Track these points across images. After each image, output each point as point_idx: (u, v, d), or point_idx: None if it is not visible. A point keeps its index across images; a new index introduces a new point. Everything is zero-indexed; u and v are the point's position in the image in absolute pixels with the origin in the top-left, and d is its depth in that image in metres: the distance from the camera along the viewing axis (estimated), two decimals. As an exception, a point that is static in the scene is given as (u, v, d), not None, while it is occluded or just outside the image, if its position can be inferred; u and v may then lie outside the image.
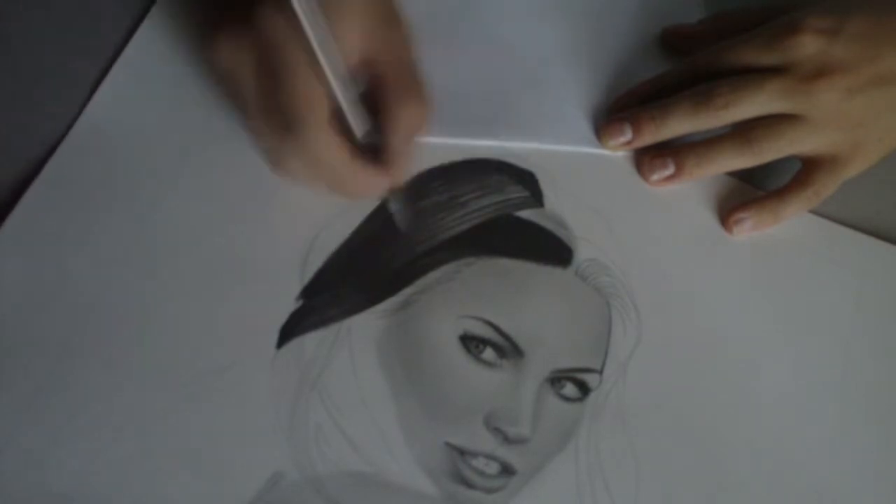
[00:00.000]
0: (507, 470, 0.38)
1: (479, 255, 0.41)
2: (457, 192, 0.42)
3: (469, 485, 0.37)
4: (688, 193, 0.45)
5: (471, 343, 0.39)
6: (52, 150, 0.41)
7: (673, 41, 0.50)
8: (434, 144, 0.43)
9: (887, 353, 0.43)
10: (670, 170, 0.44)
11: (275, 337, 0.38)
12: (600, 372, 0.40)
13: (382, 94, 0.37)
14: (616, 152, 0.46)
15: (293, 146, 0.36)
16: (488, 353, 0.39)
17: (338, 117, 0.36)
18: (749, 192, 0.46)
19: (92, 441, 0.36)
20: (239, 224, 0.41)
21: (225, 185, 0.41)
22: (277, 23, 0.35)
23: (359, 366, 0.38)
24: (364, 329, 0.39)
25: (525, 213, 0.43)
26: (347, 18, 0.36)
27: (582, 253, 0.42)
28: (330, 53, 0.34)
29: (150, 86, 0.43)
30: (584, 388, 0.40)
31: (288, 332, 0.39)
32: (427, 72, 0.39)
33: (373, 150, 0.38)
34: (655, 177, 0.45)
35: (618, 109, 0.46)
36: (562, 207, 0.43)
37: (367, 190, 0.39)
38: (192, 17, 0.43)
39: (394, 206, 0.40)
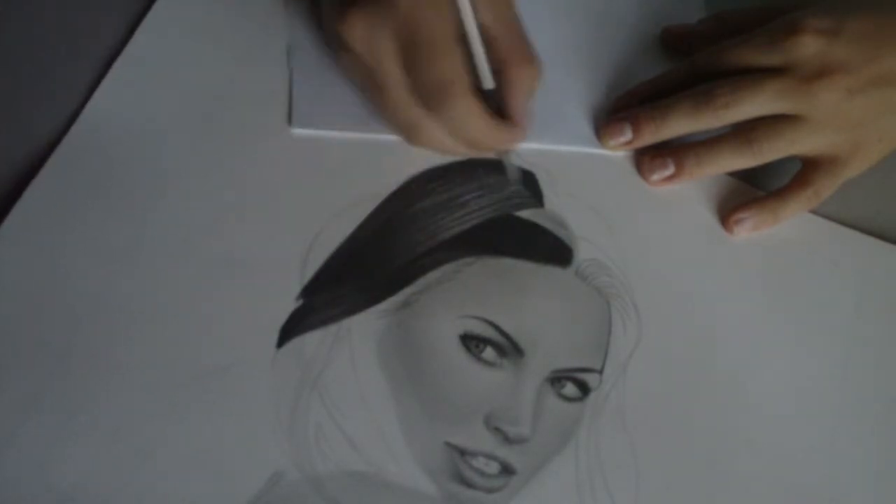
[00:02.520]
0: (507, 470, 0.38)
1: (479, 254, 0.41)
2: (457, 192, 0.42)
3: (469, 484, 0.37)
4: (688, 193, 0.45)
5: (471, 342, 0.39)
6: (51, 150, 0.41)
7: (673, 41, 0.50)
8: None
9: (887, 353, 0.43)
10: (670, 170, 0.45)
11: (275, 337, 0.38)
12: (600, 372, 0.40)
13: (501, 60, 0.40)
14: (616, 152, 0.46)
15: (443, 115, 0.39)
16: (488, 353, 0.39)
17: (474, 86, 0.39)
18: (749, 192, 0.46)
19: (92, 441, 0.36)
20: (239, 224, 0.41)
21: (225, 185, 0.41)
22: (417, 2, 0.37)
23: (359, 366, 0.38)
24: (364, 329, 0.39)
25: (525, 213, 0.43)
26: None
27: (582, 253, 0.42)
28: (475, 15, 0.38)
29: (150, 86, 0.43)
30: (584, 388, 0.40)
31: (288, 331, 0.38)
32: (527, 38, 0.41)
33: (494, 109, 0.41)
34: (655, 177, 0.45)
35: (618, 109, 0.46)
36: (562, 207, 0.43)
37: (504, 144, 0.42)
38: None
39: (507, 161, 0.43)
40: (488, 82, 0.40)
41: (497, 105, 0.41)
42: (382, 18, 0.37)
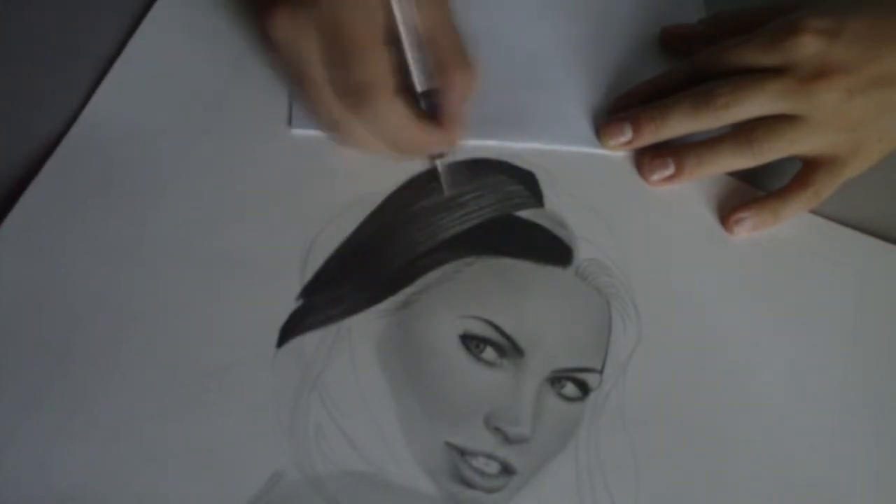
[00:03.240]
0: (507, 470, 0.38)
1: (479, 254, 0.41)
2: (457, 192, 0.42)
3: (469, 484, 0.37)
4: (688, 193, 0.45)
5: (471, 342, 0.39)
6: (51, 149, 0.41)
7: (673, 41, 0.50)
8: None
9: (887, 353, 0.43)
10: (670, 170, 0.45)
11: (275, 337, 0.38)
12: (600, 372, 0.40)
13: (438, 61, 0.40)
14: (616, 152, 0.46)
15: (364, 117, 0.38)
16: (488, 353, 0.39)
17: (400, 87, 0.39)
18: (749, 192, 0.46)
19: (92, 441, 0.36)
20: (239, 224, 0.41)
21: (225, 185, 0.41)
22: (341, 1, 0.37)
23: (359, 366, 0.38)
24: (364, 329, 0.39)
25: (525, 213, 0.43)
26: None
27: (582, 253, 0.42)
28: (407, 17, 0.38)
29: (150, 86, 0.43)
30: (584, 388, 0.40)
31: (288, 331, 0.38)
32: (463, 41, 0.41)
33: (427, 114, 0.40)
34: (655, 177, 0.45)
35: (618, 109, 0.46)
36: (562, 207, 0.43)
37: (430, 149, 0.42)
38: None
39: (441, 168, 0.42)
40: (420, 84, 0.40)
41: (431, 110, 0.40)
42: (306, 16, 0.37)
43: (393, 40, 0.38)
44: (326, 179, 0.42)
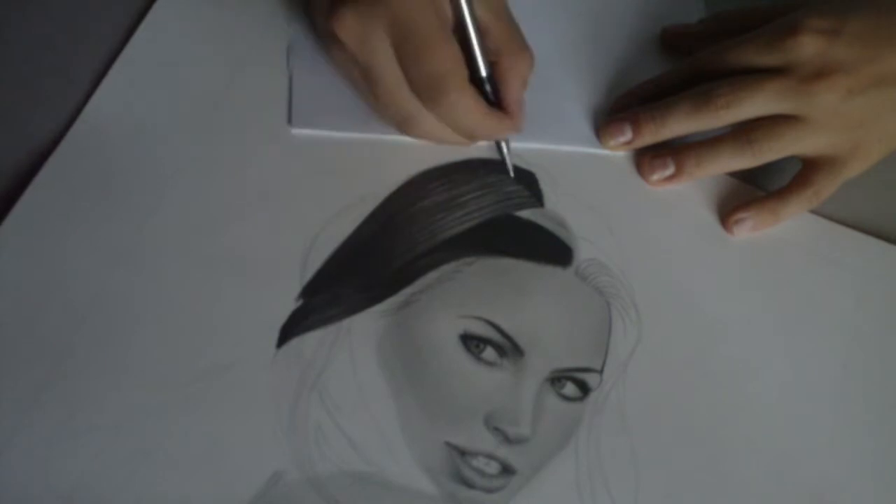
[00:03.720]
0: (507, 470, 0.38)
1: (479, 254, 0.41)
2: (457, 192, 0.42)
3: (469, 485, 0.37)
4: (688, 193, 0.45)
5: (471, 342, 0.39)
6: (51, 150, 0.41)
7: (673, 41, 0.50)
8: (434, 144, 0.43)
9: (887, 353, 0.43)
10: (670, 170, 0.45)
11: (275, 337, 0.38)
12: (600, 372, 0.40)
13: (495, 52, 0.40)
14: (616, 152, 0.46)
15: (437, 110, 0.39)
16: (488, 353, 0.39)
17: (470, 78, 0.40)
18: (749, 193, 0.46)
19: (92, 441, 0.36)
20: (239, 224, 0.41)
21: (225, 185, 0.41)
22: None
23: (359, 366, 0.38)
24: (364, 329, 0.39)
25: (525, 213, 0.43)
26: None
27: (582, 253, 0.42)
28: (469, 6, 0.39)
29: (150, 86, 0.43)
30: (584, 388, 0.40)
31: (288, 331, 0.38)
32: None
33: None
34: (655, 177, 0.45)
35: (618, 109, 0.46)
36: (562, 207, 0.43)
37: (499, 134, 0.42)
38: None
39: (506, 151, 0.43)
40: (484, 69, 0.40)
41: (492, 96, 0.41)
42: (373, 13, 0.37)
43: (456, 31, 0.39)
44: (326, 179, 0.42)
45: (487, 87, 0.41)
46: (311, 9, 0.43)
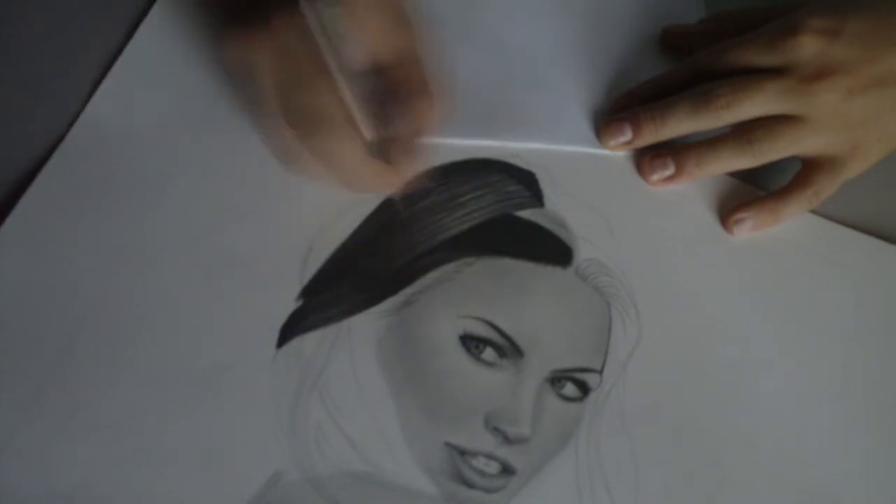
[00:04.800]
0: (507, 470, 0.38)
1: (479, 255, 0.41)
2: (457, 192, 0.42)
3: (469, 485, 0.37)
4: (688, 193, 0.45)
5: (471, 343, 0.39)
6: (52, 150, 0.41)
7: (673, 41, 0.50)
8: (434, 144, 0.43)
9: (887, 353, 0.43)
10: (670, 170, 0.44)
11: (275, 337, 0.38)
12: (600, 372, 0.40)
13: (392, 93, 0.38)
14: (616, 152, 0.46)
15: (312, 146, 0.37)
16: (488, 353, 0.39)
17: (350, 120, 0.37)
18: (749, 193, 0.46)
19: (92, 441, 0.36)
20: (239, 224, 0.41)
21: (225, 185, 0.41)
22: (295, 29, 0.36)
23: (359, 366, 0.38)
24: (364, 329, 0.39)
25: (525, 213, 0.43)
26: (359, 18, 0.37)
27: (582, 253, 0.42)
28: (343, 60, 0.36)
29: (150, 86, 0.43)
30: (584, 388, 0.40)
31: (288, 331, 0.39)
32: (428, 71, 0.39)
33: (381, 148, 0.39)
34: (655, 177, 0.45)
35: (618, 109, 0.46)
36: (562, 207, 0.43)
37: (379, 187, 0.40)
38: (202, 13, 0.43)
39: (396, 202, 0.41)
40: (363, 131, 0.38)
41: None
42: (259, 42, 0.37)
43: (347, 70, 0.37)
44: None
45: (364, 136, 0.38)
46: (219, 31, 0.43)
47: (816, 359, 0.42)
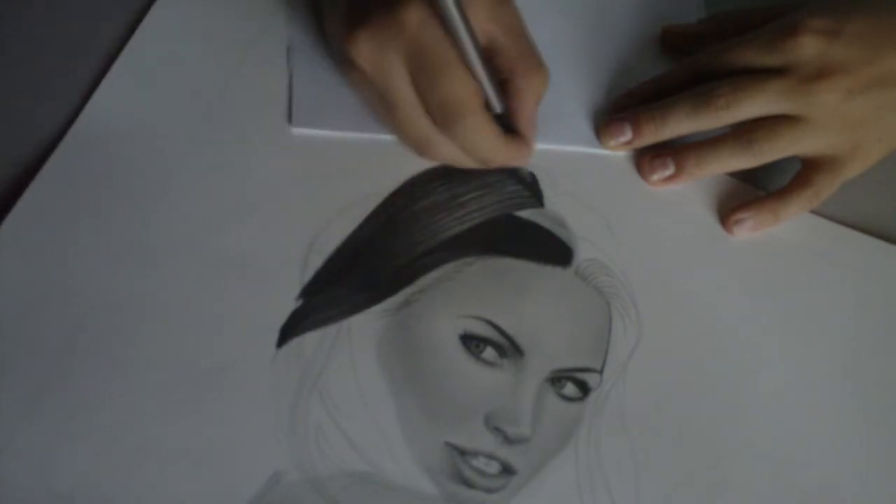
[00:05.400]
0: (507, 470, 0.38)
1: (479, 254, 0.41)
2: (457, 192, 0.42)
3: (469, 485, 0.37)
4: (688, 193, 0.45)
5: (471, 342, 0.39)
6: (51, 149, 0.41)
7: (673, 41, 0.50)
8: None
9: (888, 354, 0.43)
10: (670, 170, 0.44)
11: (275, 337, 0.38)
12: (600, 372, 0.40)
13: (508, 70, 0.40)
14: (616, 152, 0.46)
15: (453, 135, 0.39)
16: (488, 353, 0.39)
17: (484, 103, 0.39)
18: (749, 193, 0.46)
19: (92, 441, 0.36)
20: (239, 224, 0.41)
21: (225, 184, 0.41)
22: (425, 22, 0.37)
23: (359, 366, 0.38)
24: (364, 329, 0.39)
25: (525, 213, 0.43)
26: (474, 4, 0.38)
27: (582, 253, 0.42)
28: (475, 41, 0.37)
29: (150, 86, 0.43)
30: (584, 388, 0.40)
31: (288, 331, 0.38)
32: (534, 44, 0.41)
33: (504, 122, 0.41)
34: (655, 177, 0.45)
35: (618, 109, 0.46)
36: (562, 207, 0.43)
37: (514, 162, 0.42)
38: (325, 17, 0.43)
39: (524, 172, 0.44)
40: (496, 106, 0.40)
41: (507, 120, 0.41)
42: (391, 37, 0.37)
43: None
44: (326, 179, 0.42)
45: (497, 110, 0.40)
46: (327, 31, 0.43)
47: (816, 359, 0.42)
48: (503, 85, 0.40)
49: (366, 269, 0.40)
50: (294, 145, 0.43)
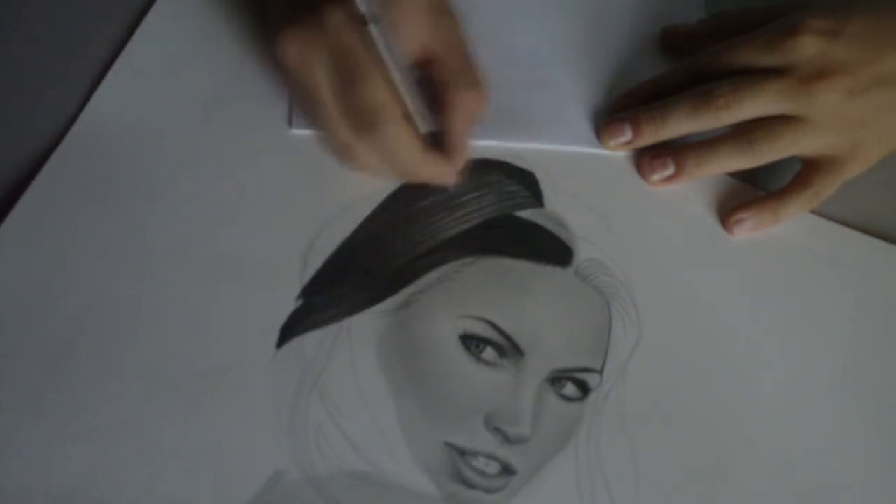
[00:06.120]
0: (507, 470, 0.38)
1: (479, 254, 0.41)
2: (457, 192, 0.42)
3: (469, 485, 0.37)
4: (688, 193, 0.45)
5: (471, 343, 0.39)
6: (51, 150, 0.41)
7: (673, 41, 0.50)
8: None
9: (887, 353, 0.43)
10: (670, 170, 0.44)
11: (275, 337, 0.38)
12: (600, 372, 0.40)
13: (442, 83, 0.39)
14: (616, 152, 0.46)
15: (371, 143, 0.38)
16: (488, 353, 0.39)
17: (406, 114, 0.38)
18: (749, 193, 0.46)
19: (92, 441, 0.36)
20: (239, 224, 0.41)
21: (225, 185, 0.41)
22: (348, 27, 0.36)
23: (359, 366, 0.38)
24: (364, 329, 0.39)
25: (525, 213, 0.43)
26: (406, 13, 0.38)
27: (582, 253, 0.42)
28: (396, 54, 0.37)
29: (150, 86, 0.43)
30: (584, 388, 0.40)
31: (288, 332, 0.39)
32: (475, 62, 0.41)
33: (433, 138, 0.40)
34: (655, 177, 0.45)
35: (618, 109, 0.46)
36: (562, 207, 0.43)
37: (436, 178, 0.41)
38: (259, 13, 0.43)
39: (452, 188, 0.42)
40: (420, 125, 0.39)
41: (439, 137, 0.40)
42: (313, 40, 0.37)
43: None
44: (326, 179, 0.42)
45: (420, 129, 0.39)
46: (267, 29, 0.43)
47: (816, 359, 0.42)
48: (437, 100, 0.39)
49: (366, 269, 0.40)
50: (294, 146, 0.43)
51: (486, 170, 0.43)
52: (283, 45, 0.38)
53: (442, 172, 0.41)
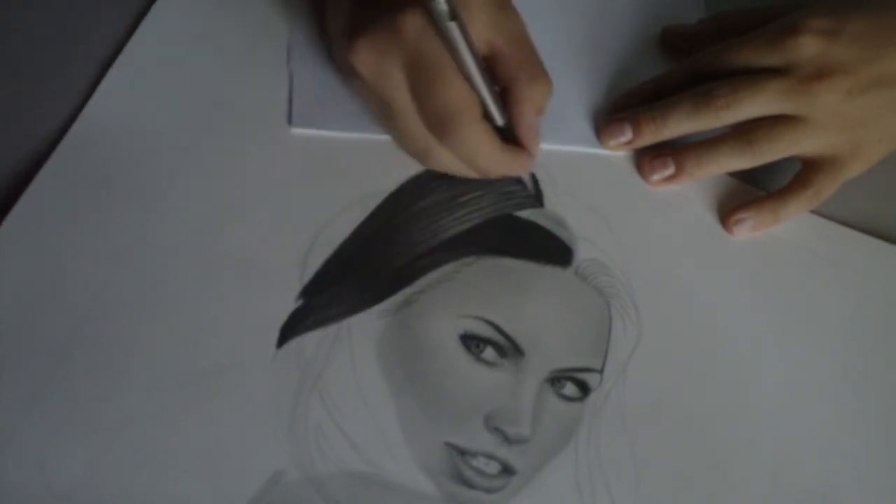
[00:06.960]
0: (507, 470, 0.38)
1: (478, 254, 0.41)
2: (457, 191, 0.42)
3: (469, 485, 0.37)
4: (688, 193, 0.45)
5: (471, 342, 0.39)
6: (51, 150, 0.41)
7: (673, 41, 0.50)
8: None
9: (887, 354, 0.43)
10: (670, 170, 0.45)
11: (275, 337, 0.38)
12: (600, 372, 0.40)
13: (509, 78, 0.39)
14: (616, 152, 0.46)
15: (451, 144, 0.38)
16: (488, 353, 0.39)
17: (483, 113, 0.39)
18: (749, 193, 0.46)
19: (92, 441, 0.36)
20: (239, 224, 0.41)
21: (225, 185, 0.41)
22: (427, 31, 0.36)
23: (359, 366, 0.38)
24: (364, 329, 0.39)
25: (525, 213, 0.43)
26: (474, 12, 0.37)
27: (582, 253, 0.42)
28: (473, 52, 0.37)
29: (150, 86, 0.43)
30: (584, 388, 0.40)
31: (288, 331, 0.38)
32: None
33: (502, 132, 0.40)
34: (656, 177, 0.45)
35: (618, 109, 0.46)
36: (562, 207, 0.43)
37: (514, 171, 0.42)
38: (326, 22, 0.43)
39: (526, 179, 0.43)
40: (496, 117, 0.39)
41: (509, 129, 0.40)
42: (390, 46, 0.37)
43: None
44: (326, 179, 0.42)
45: (498, 123, 0.39)
46: (331, 40, 0.43)
47: (816, 359, 0.42)
48: (504, 94, 0.39)
49: (366, 268, 0.40)
50: (294, 145, 0.43)
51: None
52: (357, 53, 0.38)
53: (521, 165, 0.41)
